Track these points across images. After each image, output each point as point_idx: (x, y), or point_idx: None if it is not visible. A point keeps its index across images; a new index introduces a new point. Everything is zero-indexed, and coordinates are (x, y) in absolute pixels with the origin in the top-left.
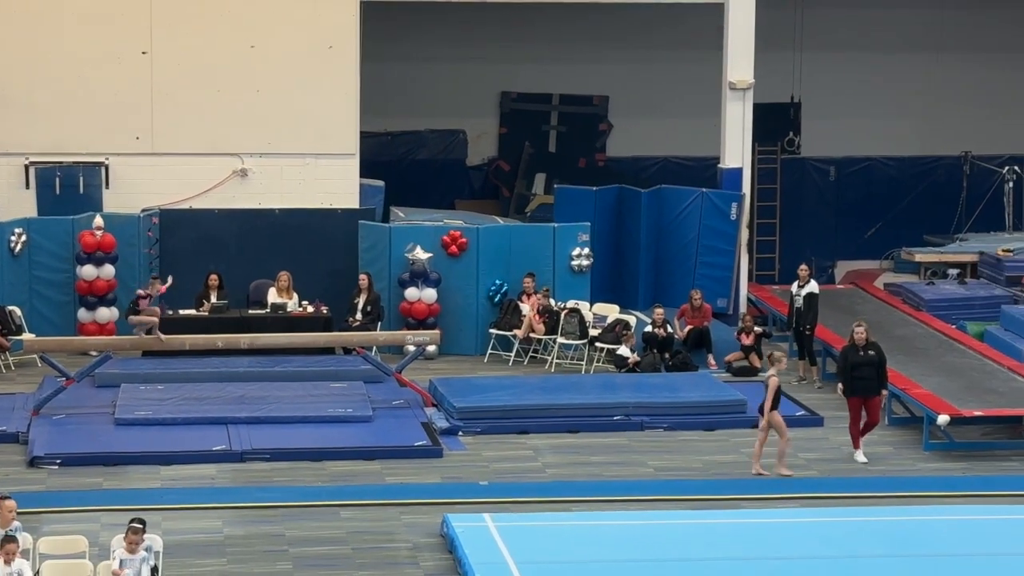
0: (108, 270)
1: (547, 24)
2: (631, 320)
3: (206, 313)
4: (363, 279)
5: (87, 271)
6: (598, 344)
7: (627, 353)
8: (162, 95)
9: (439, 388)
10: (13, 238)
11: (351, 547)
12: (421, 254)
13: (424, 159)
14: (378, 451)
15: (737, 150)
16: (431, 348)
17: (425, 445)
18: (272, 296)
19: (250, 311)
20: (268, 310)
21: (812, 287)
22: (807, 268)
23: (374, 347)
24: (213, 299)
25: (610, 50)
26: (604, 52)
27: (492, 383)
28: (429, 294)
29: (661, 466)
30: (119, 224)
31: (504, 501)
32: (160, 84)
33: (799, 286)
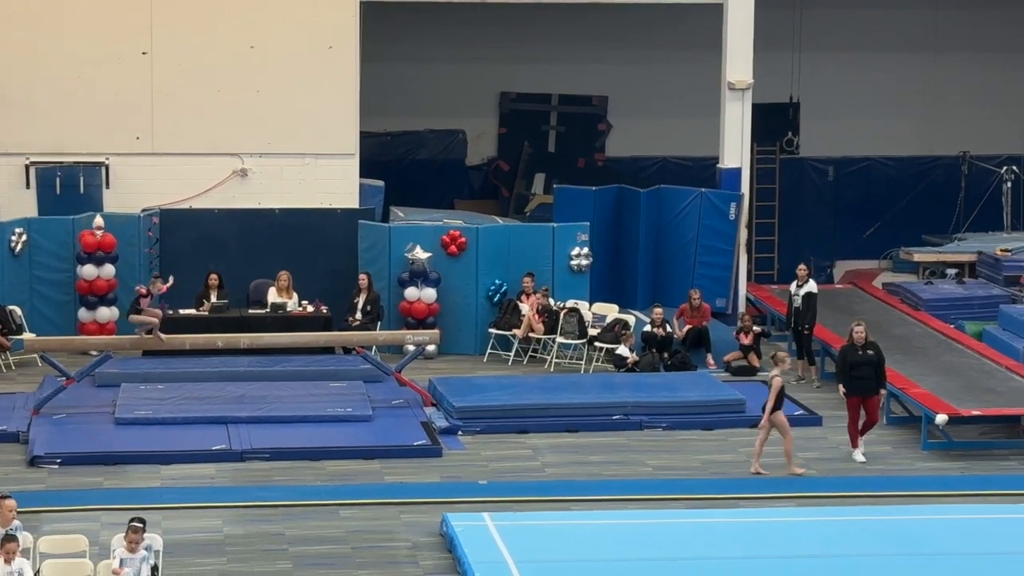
0: (108, 270)
1: (546, 24)
2: (630, 320)
3: (206, 313)
4: (363, 279)
5: (87, 271)
6: (597, 344)
7: (626, 353)
8: (162, 95)
9: (438, 388)
10: (14, 238)
11: (351, 546)
12: (421, 254)
13: (424, 159)
14: (377, 450)
15: (736, 150)
16: (430, 348)
17: (424, 444)
18: (272, 296)
19: (250, 311)
20: (268, 310)
21: (811, 287)
22: (806, 268)
23: (374, 347)
24: (213, 299)
25: (609, 50)
26: (603, 52)
27: (491, 383)
28: (429, 294)
29: (660, 465)
30: (119, 224)
31: (503, 500)
32: (160, 84)
33: (798, 286)
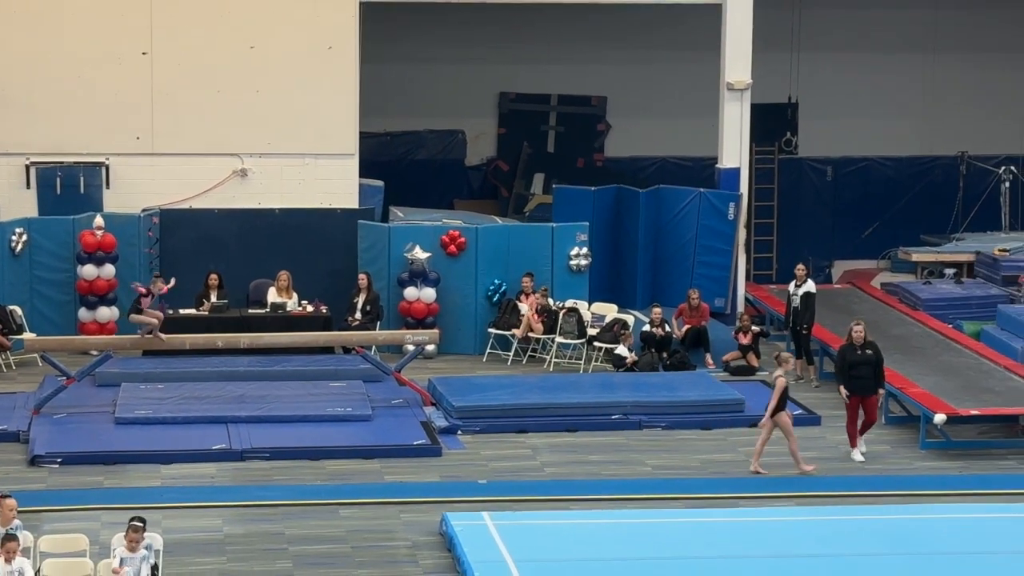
0: (108, 270)
1: (545, 25)
2: (629, 320)
3: (206, 312)
4: (362, 279)
5: (88, 271)
6: (596, 343)
7: (625, 353)
8: (162, 95)
9: (438, 387)
10: (14, 238)
11: (350, 545)
12: (420, 254)
13: (423, 159)
14: (377, 450)
15: (735, 150)
16: (430, 347)
17: (424, 444)
18: (272, 296)
19: (250, 310)
20: (268, 309)
21: (809, 286)
22: (804, 268)
23: (373, 346)
24: (213, 298)
25: (608, 51)
26: (602, 53)
27: (491, 382)
28: (428, 294)
29: (659, 465)
30: (119, 224)
31: (503, 500)
32: (160, 84)
33: (796, 285)
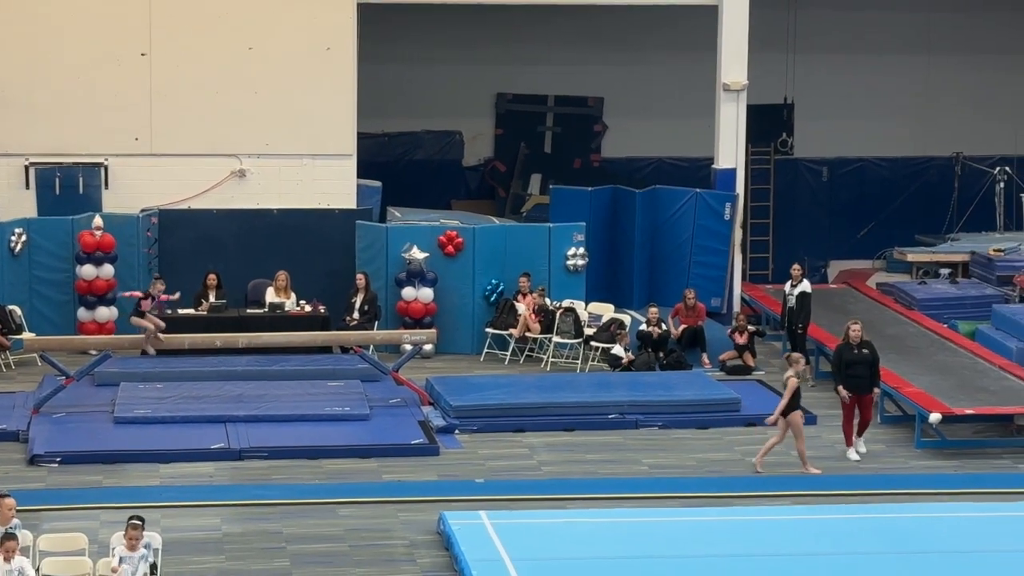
0: (107, 270)
1: (542, 26)
2: (626, 319)
3: (205, 312)
4: (360, 279)
5: (87, 271)
6: (593, 343)
7: (621, 353)
8: (161, 96)
9: (436, 387)
10: (13, 238)
11: (348, 544)
12: (418, 254)
13: (421, 160)
14: (375, 449)
15: (731, 151)
16: (428, 347)
17: (422, 443)
18: (270, 295)
19: (248, 310)
20: (266, 309)
21: (805, 286)
22: (800, 268)
23: (371, 346)
24: (211, 298)
25: (605, 52)
26: (599, 54)
27: (488, 382)
28: (426, 293)
29: (655, 464)
30: (118, 224)
31: (500, 498)
32: (159, 85)
33: (792, 285)
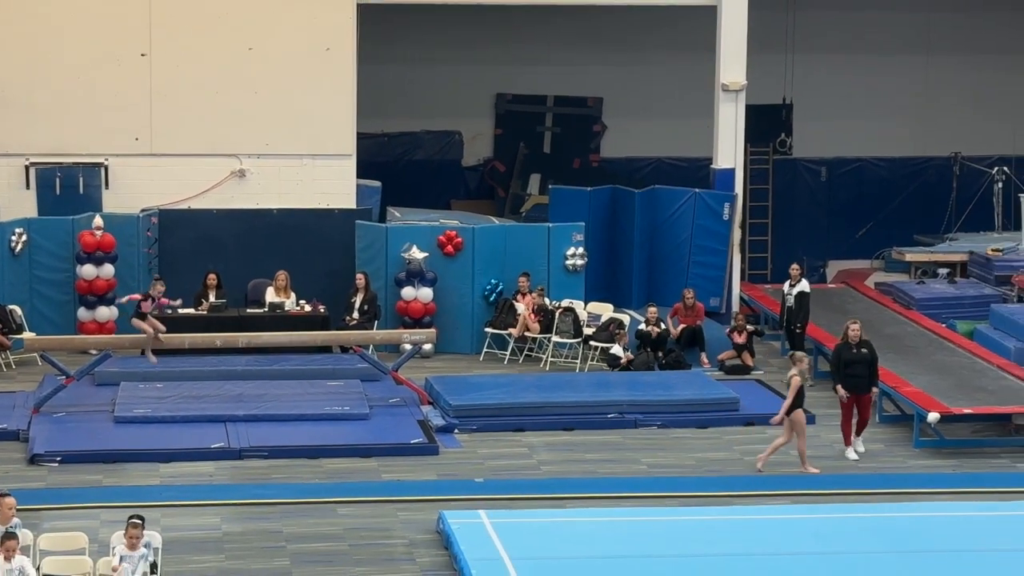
0: (108, 270)
1: (541, 26)
2: (625, 319)
3: (205, 312)
4: (360, 278)
5: (87, 271)
6: (592, 343)
7: (619, 352)
8: (161, 96)
9: (435, 386)
10: (14, 238)
11: (348, 543)
12: (417, 254)
13: (420, 160)
14: (375, 448)
15: (729, 151)
16: (427, 347)
17: (421, 443)
18: (270, 295)
19: (248, 310)
20: (266, 309)
21: (803, 286)
22: (798, 267)
23: (371, 346)
24: (212, 298)
25: (604, 52)
26: (598, 54)
27: (488, 381)
28: (425, 293)
29: (654, 463)
30: (118, 224)
31: (499, 498)
32: (159, 85)
33: (791, 285)
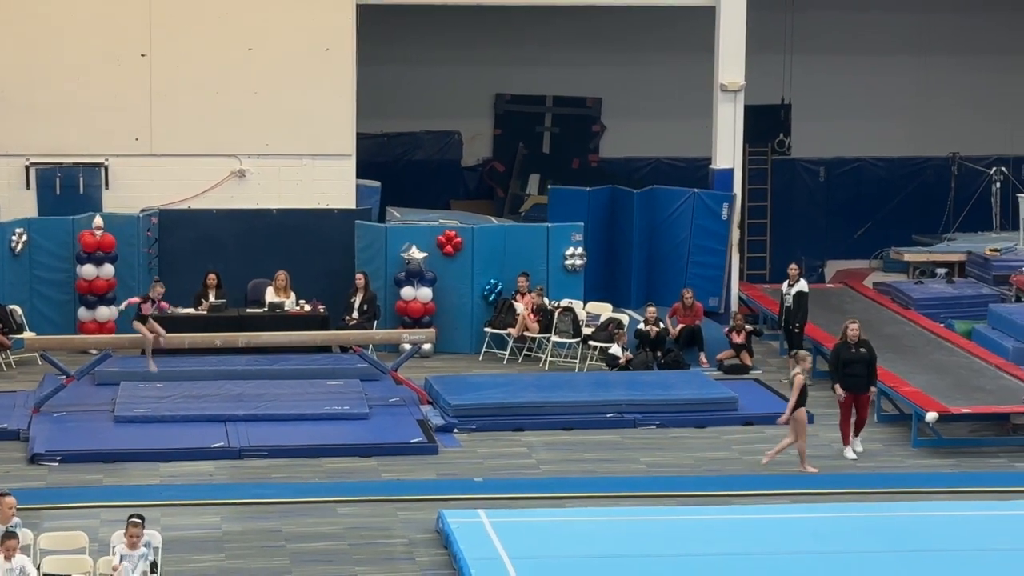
0: (108, 269)
1: (540, 27)
2: (624, 319)
3: (205, 312)
4: (359, 278)
5: (87, 270)
6: (591, 342)
7: (618, 353)
8: (161, 97)
9: (434, 386)
10: (14, 238)
11: (348, 543)
12: (417, 254)
13: (420, 160)
14: (374, 448)
15: (728, 151)
16: (427, 346)
17: (421, 442)
18: (270, 295)
19: (248, 310)
20: (266, 309)
21: (802, 286)
22: (797, 267)
23: (370, 345)
24: (211, 298)
25: (603, 52)
26: (597, 55)
27: (487, 381)
28: (425, 293)
29: (653, 463)
30: (119, 224)
31: (499, 497)
32: (159, 86)
33: (789, 285)
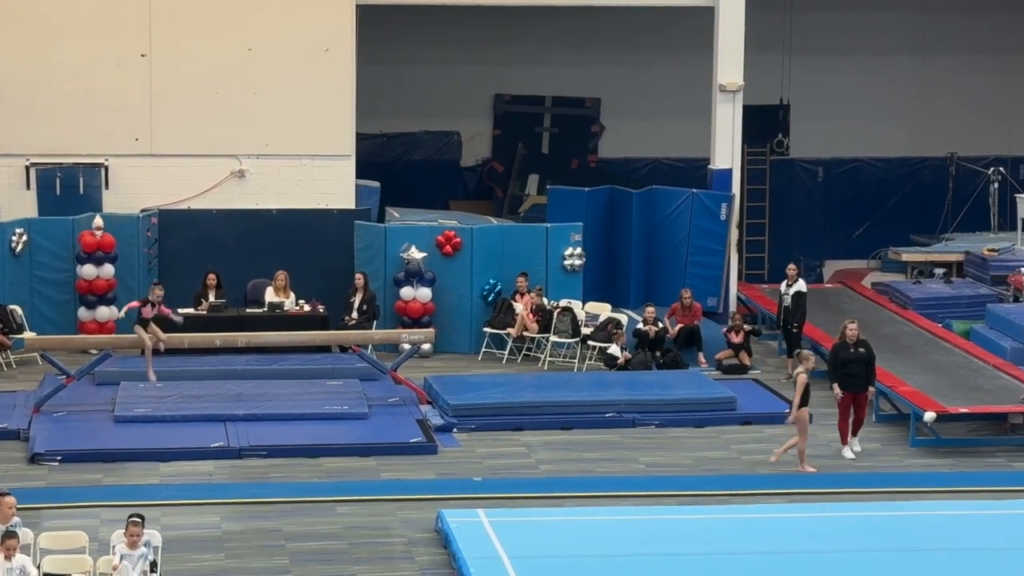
0: (108, 270)
1: (540, 27)
2: (623, 319)
3: (204, 312)
4: (359, 278)
5: (87, 271)
6: (590, 342)
7: (617, 352)
8: (161, 97)
9: (434, 386)
10: (14, 238)
11: (347, 542)
12: (416, 254)
13: (419, 160)
14: (374, 448)
15: (727, 151)
16: (426, 346)
17: (420, 442)
18: (269, 295)
19: (248, 310)
20: (265, 309)
21: (800, 286)
22: (795, 267)
23: (370, 345)
24: (211, 298)
25: (602, 53)
26: (596, 55)
27: (486, 381)
28: (424, 293)
29: (652, 462)
30: (119, 224)
31: (498, 497)
32: (159, 86)
33: (787, 285)
